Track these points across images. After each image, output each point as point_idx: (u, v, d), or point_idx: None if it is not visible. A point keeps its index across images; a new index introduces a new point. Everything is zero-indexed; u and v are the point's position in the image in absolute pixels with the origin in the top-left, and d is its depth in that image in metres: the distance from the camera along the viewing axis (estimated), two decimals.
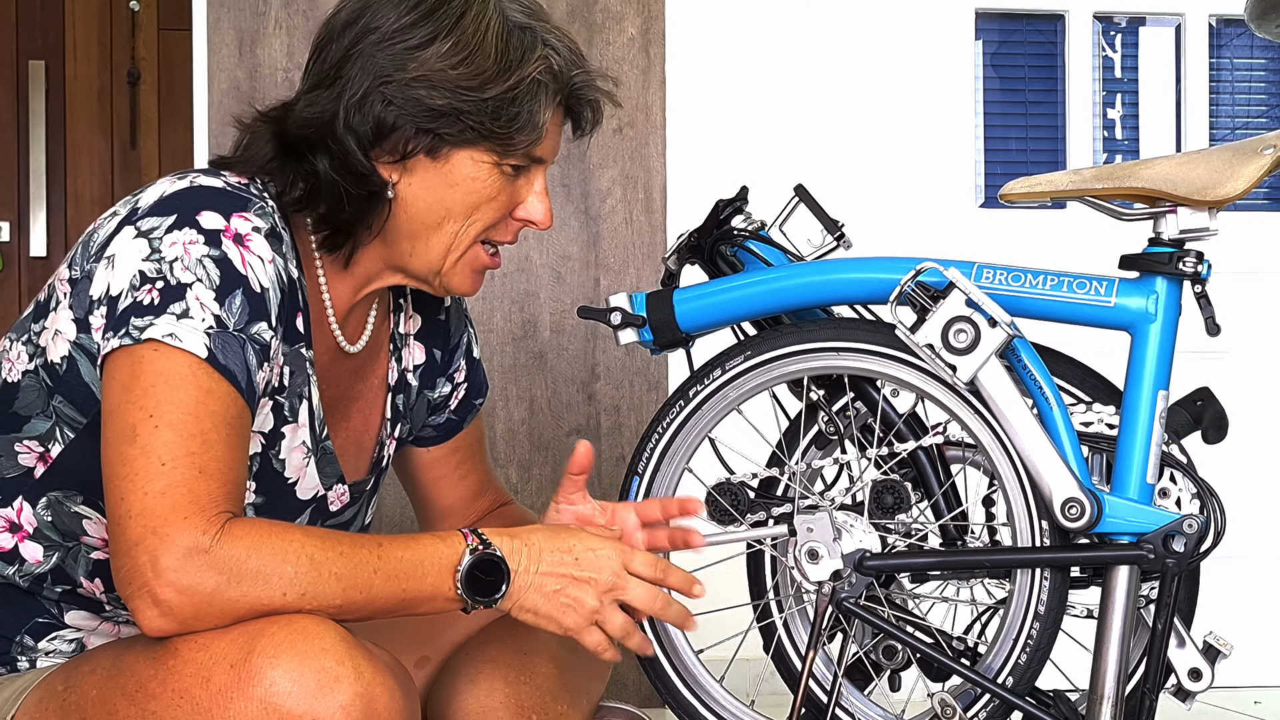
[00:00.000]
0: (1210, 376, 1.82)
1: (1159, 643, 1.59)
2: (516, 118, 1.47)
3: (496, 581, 1.43)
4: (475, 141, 1.47)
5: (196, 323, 1.34)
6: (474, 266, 1.55)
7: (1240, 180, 1.57)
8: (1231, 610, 2.45)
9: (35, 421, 1.47)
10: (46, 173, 4.69)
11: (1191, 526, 1.56)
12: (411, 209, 1.50)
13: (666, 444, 1.74)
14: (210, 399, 1.34)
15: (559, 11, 2.93)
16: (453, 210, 1.50)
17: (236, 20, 2.87)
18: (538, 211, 1.55)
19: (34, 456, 1.48)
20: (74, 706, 1.39)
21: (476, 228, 1.52)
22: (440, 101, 1.45)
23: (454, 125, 1.46)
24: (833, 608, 1.64)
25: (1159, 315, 1.60)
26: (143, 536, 1.29)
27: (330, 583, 1.34)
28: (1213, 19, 3.32)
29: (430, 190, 1.50)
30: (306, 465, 1.54)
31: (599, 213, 2.96)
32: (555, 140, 1.55)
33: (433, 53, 1.45)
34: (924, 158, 3.12)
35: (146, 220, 1.39)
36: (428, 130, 1.46)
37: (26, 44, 4.69)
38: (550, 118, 1.51)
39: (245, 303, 1.38)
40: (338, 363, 1.60)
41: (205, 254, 1.37)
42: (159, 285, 1.35)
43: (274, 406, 1.49)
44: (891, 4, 3.11)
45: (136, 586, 1.30)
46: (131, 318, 1.35)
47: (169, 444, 1.31)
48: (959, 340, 1.57)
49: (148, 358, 1.34)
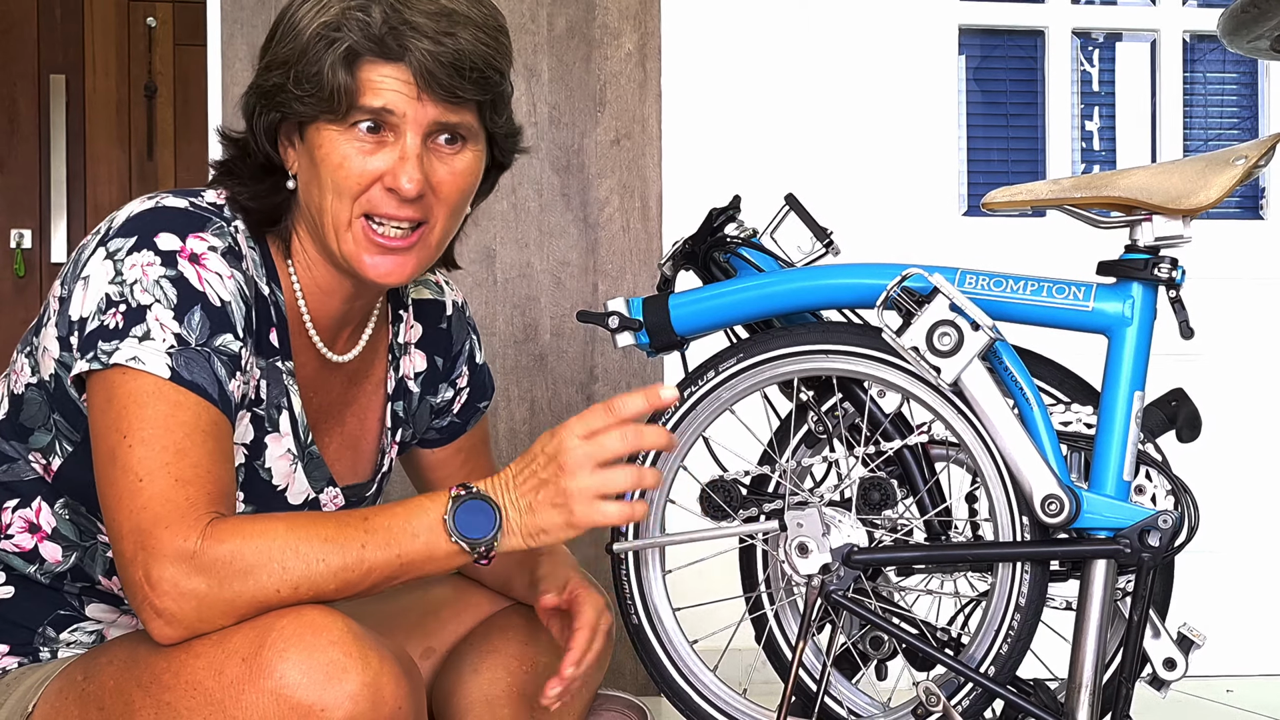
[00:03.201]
0: (1184, 378, 1.83)
1: (1135, 633, 1.58)
2: (316, 77, 1.41)
3: (487, 521, 1.38)
4: (312, 113, 1.43)
5: (158, 344, 1.34)
6: (362, 246, 1.47)
7: (1213, 190, 1.56)
8: (1205, 602, 2.45)
9: (38, 434, 1.47)
10: (67, 182, 4.68)
11: (1166, 522, 1.56)
12: (304, 196, 1.49)
13: None
14: (179, 411, 1.33)
15: (558, 29, 2.93)
16: (323, 188, 1.45)
17: (249, 36, 2.87)
18: (392, 176, 1.43)
19: (39, 467, 1.48)
20: (92, 696, 1.38)
21: (344, 202, 1.45)
22: (271, 82, 1.45)
23: (285, 99, 1.43)
24: (822, 600, 1.64)
25: (1135, 319, 1.60)
26: (134, 553, 1.30)
27: (319, 565, 1.32)
28: (1187, 35, 3.32)
29: (307, 172, 1.47)
30: (294, 471, 1.54)
31: (597, 221, 2.95)
32: (397, 96, 1.42)
33: (279, 34, 1.46)
34: (909, 168, 3.12)
35: (114, 241, 1.39)
36: (274, 110, 1.46)
37: (48, 59, 4.69)
38: (367, 74, 1.41)
39: (205, 318, 1.37)
40: (327, 372, 1.59)
41: (161, 275, 1.37)
42: (121, 309, 1.35)
43: (253, 418, 1.48)
44: (878, 20, 3.11)
45: (139, 601, 1.30)
46: (99, 342, 1.35)
47: (143, 460, 1.31)
48: (943, 343, 1.57)
49: (117, 381, 1.34)
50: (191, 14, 4.64)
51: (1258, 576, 3.17)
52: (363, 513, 1.38)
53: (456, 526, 1.36)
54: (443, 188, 1.47)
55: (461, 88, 1.43)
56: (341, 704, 1.27)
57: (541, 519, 1.38)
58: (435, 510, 1.37)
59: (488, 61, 1.44)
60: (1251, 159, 1.57)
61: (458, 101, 1.44)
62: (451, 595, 1.78)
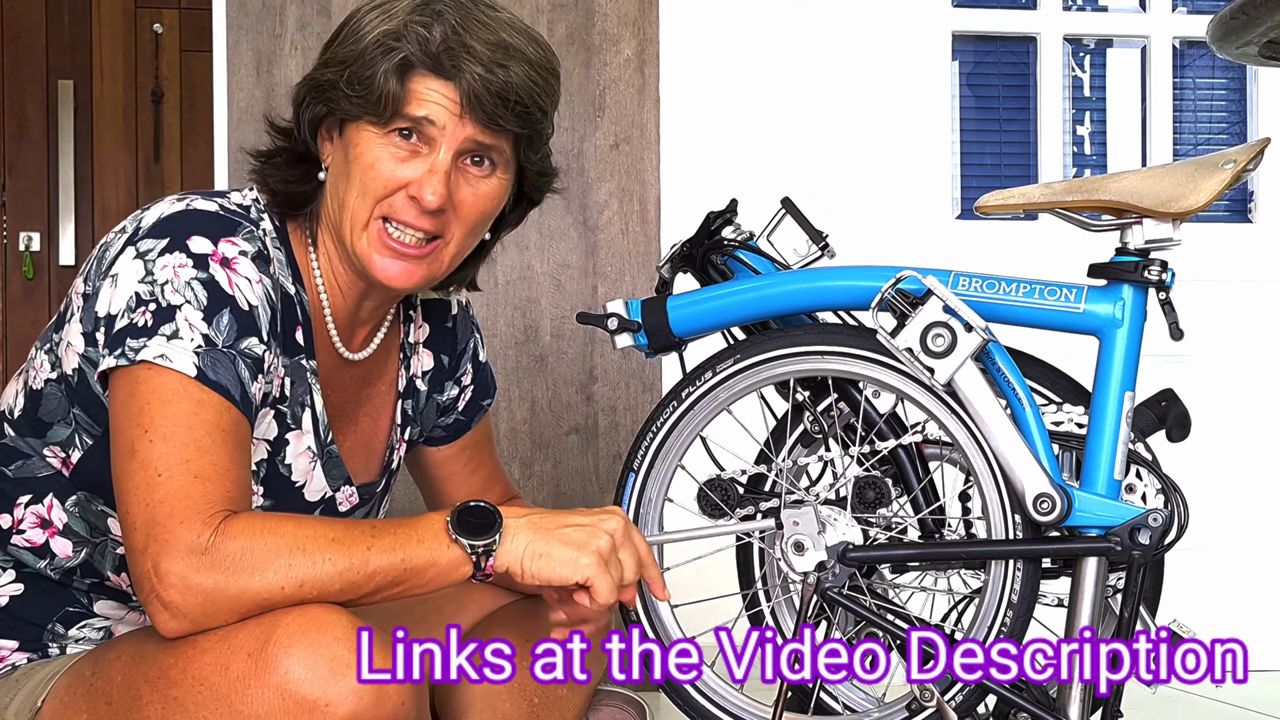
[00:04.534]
0: (1174, 379, 1.83)
1: (1125, 630, 1.59)
2: (368, 80, 1.44)
3: (487, 524, 1.38)
4: (357, 112, 1.46)
5: (185, 343, 1.35)
6: (373, 246, 1.48)
7: (1202, 193, 1.57)
8: (1194, 599, 2.45)
9: (57, 428, 1.47)
10: (75, 186, 4.69)
11: (1156, 520, 1.56)
12: (331, 188, 1.52)
13: (660, 442, 1.73)
14: (202, 410, 1.34)
15: (559, 35, 2.93)
16: (350, 184, 1.48)
17: (254, 42, 2.87)
18: (417, 185, 1.46)
19: (58, 461, 1.48)
20: (100, 691, 1.39)
21: (367, 201, 1.47)
22: (328, 75, 1.48)
23: (335, 95, 1.47)
24: (817, 596, 1.64)
25: (1125, 321, 1.60)
26: (146, 544, 1.30)
27: (325, 565, 1.32)
28: (1176, 41, 3.32)
29: (338, 166, 1.50)
30: (313, 469, 1.54)
31: (597, 224, 2.96)
32: (440, 110, 1.45)
33: (342, 35, 1.49)
34: (904, 172, 3.12)
35: (145, 241, 1.40)
36: (322, 104, 1.49)
37: (56, 65, 4.69)
38: (416, 85, 1.44)
39: (233, 321, 1.38)
40: (343, 370, 1.59)
41: (193, 277, 1.37)
42: (151, 308, 1.36)
43: (276, 415, 1.49)
44: (873, 26, 3.11)
45: (146, 593, 1.30)
46: (127, 339, 1.35)
47: (164, 455, 1.31)
48: (936, 344, 1.57)
49: (143, 377, 1.34)
50: (197, 20, 4.64)
51: (1246, 574, 3.17)
52: (371, 521, 1.40)
53: (457, 526, 1.36)
54: (463, 207, 1.49)
55: (503, 117, 1.46)
56: (345, 699, 1.27)
57: (551, 543, 1.39)
58: (439, 517, 1.38)
59: (533, 98, 1.48)
60: (1240, 163, 1.57)
61: (496, 129, 1.47)
62: (454, 591, 1.78)
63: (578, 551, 1.38)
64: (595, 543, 1.39)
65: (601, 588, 1.39)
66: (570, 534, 1.40)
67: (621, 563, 1.41)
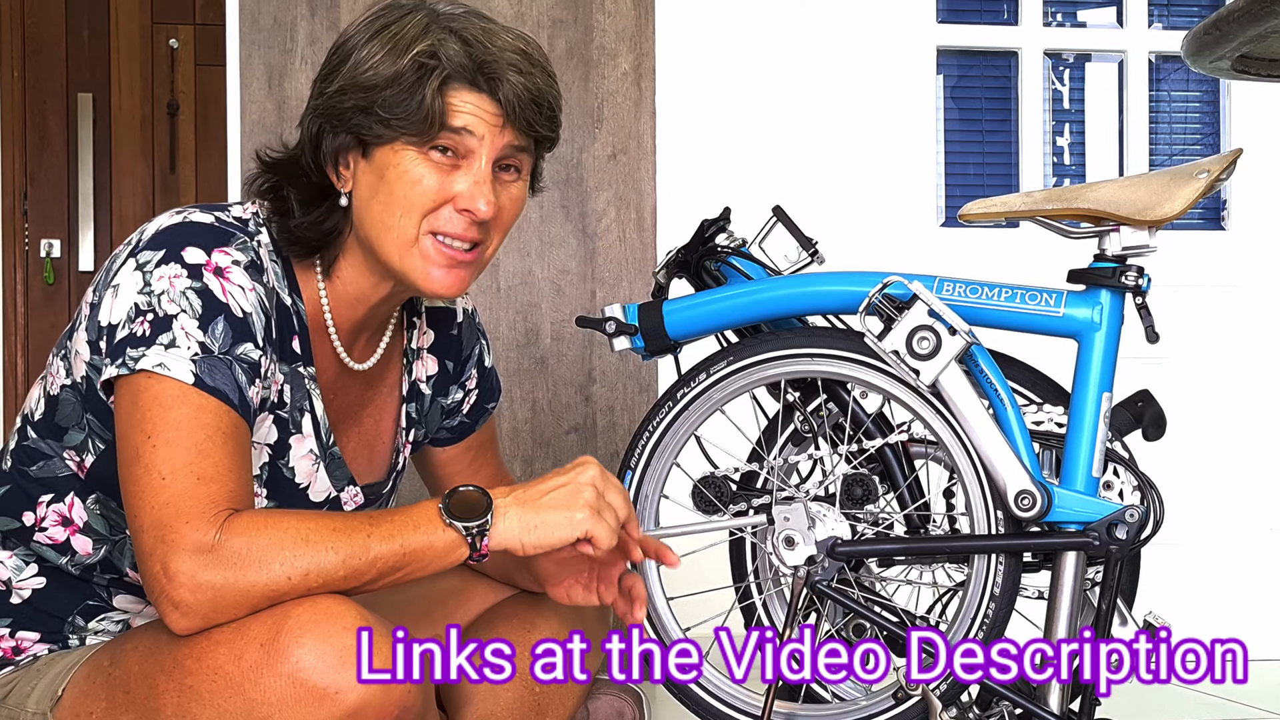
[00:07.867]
0: (1150, 380, 1.83)
1: (1103, 621, 1.59)
2: (408, 102, 1.41)
3: (478, 505, 1.37)
4: (390, 134, 1.43)
5: (183, 351, 1.34)
6: (430, 261, 1.47)
7: (1178, 202, 1.57)
8: (1169, 592, 2.45)
9: (72, 432, 1.47)
10: (94, 195, 4.69)
11: (1133, 516, 1.57)
12: (362, 212, 1.48)
13: (657, 441, 1.74)
14: (202, 414, 1.34)
15: (559, 50, 2.93)
16: (390, 204, 1.45)
17: (266, 57, 2.87)
18: (468, 198, 1.44)
19: (74, 464, 1.48)
20: (118, 680, 1.39)
21: (413, 218, 1.45)
22: (350, 103, 1.44)
23: (365, 121, 1.43)
24: (807, 590, 1.64)
25: (1103, 324, 1.60)
26: (154, 547, 1.29)
27: (328, 554, 1.31)
28: (1152, 55, 3.33)
29: (370, 189, 1.47)
30: (316, 470, 1.54)
31: (595, 231, 2.96)
32: (478, 121, 1.44)
33: (350, 64, 1.45)
34: (890, 181, 3.13)
35: (144, 253, 1.39)
36: (347, 132, 1.45)
37: (76, 78, 4.69)
38: (452, 99, 1.42)
39: (228, 328, 1.37)
40: (345, 376, 1.59)
41: (188, 286, 1.37)
42: (149, 317, 1.35)
43: (276, 420, 1.48)
44: (861, 42, 3.12)
45: (156, 593, 1.30)
46: (127, 348, 1.35)
47: (166, 459, 1.31)
48: (922, 347, 1.58)
49: (143, 385, 1.34)
50: (212, 36, 4.64)
51: (1219, 568, 3.18)
52: (367, 512, 1.39)
53: (449, 510, 1.36)
54: (503, 213, 1.50)
55: (540, 123, 1.46)
56: (354, 686, 1.27)
57: (543, 513, 1.38)
58: (433, 503, 1.38)
59: (556, 102, 1.49)
60: (1214, 173, 1.57)
61: (531, 134, 1.47)
62: (458, 585, 1.78)
63: (569, 510, 1.38)
64: (582, 497, 1.39)
65: (600, 534, 1.38)
66: (556, 497, 1.39)
67: (612, 505, 1.41)
